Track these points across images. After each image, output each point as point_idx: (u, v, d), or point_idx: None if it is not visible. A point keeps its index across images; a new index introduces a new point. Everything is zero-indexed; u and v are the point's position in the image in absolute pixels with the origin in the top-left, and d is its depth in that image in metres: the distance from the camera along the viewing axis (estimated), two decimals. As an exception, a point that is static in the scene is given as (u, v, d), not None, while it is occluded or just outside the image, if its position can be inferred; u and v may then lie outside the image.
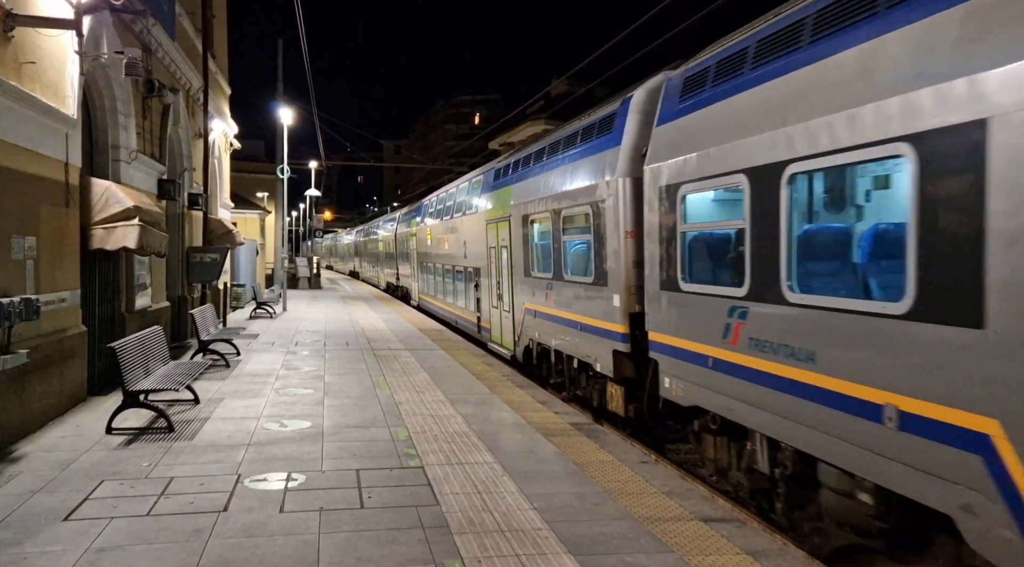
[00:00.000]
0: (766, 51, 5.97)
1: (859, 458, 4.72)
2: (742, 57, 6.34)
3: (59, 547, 4.79)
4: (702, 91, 6.88)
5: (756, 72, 6.02)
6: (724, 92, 6.46)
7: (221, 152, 21.01)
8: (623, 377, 8.51)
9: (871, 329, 4.57)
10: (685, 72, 7.41)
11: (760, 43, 6.10)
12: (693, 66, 7.32)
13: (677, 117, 7.26)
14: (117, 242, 9.69)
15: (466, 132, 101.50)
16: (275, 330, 17.97)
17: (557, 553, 4.72)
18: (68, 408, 8.81)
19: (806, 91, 5.28)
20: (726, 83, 6.47)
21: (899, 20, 4.52)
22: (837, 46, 5.02)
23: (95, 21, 9.32)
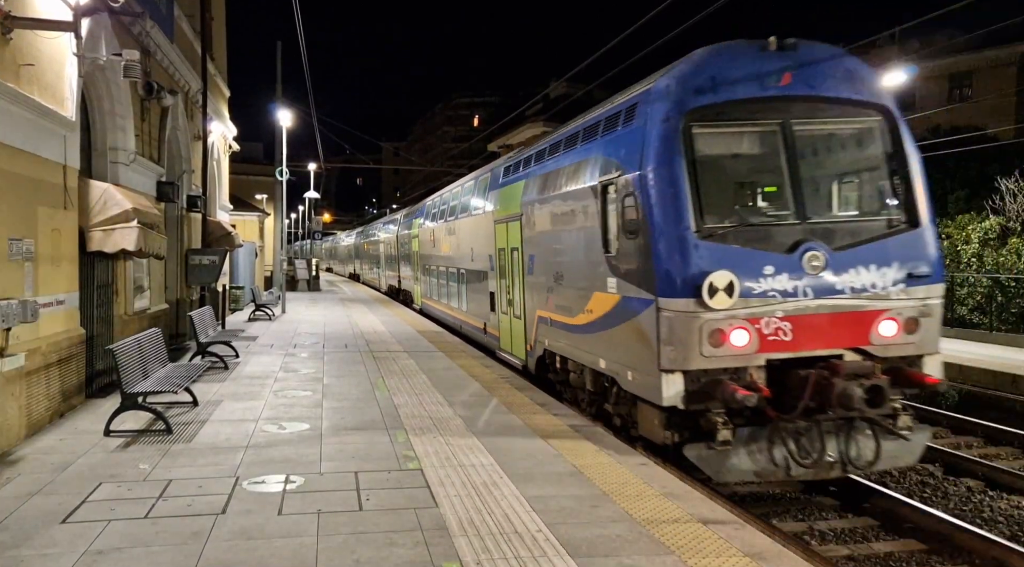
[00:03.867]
0: (525, 163, 12.29)
1: (578, 354, 9.58)
2: (516, 164, 12.90)
3: (57, 550, 4.79)
4: (505, 176, 13.47)
5: (517, 172, 12.59)
6: (514, 177, 12.74)
7: (220, 154, 21.01)
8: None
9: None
10: (504, 163, 14.07)
11: (525, 160, 12.38)
12: (501, 164, 14.29)
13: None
14: (116, 244, 9.69)
15: (465, 134, 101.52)
16: (274, 332, 17.96)
17: (556, 555, 4.72)
18: (66, 410, 8.79)
19: (549, 179, 10.66)
20: (513, 173, 12.88)
21: (572, 155, 9.92)
22: (538, 168, 11.40)
23: (93, 23, 9.31)
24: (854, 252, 7.32)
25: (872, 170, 7.91)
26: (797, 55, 7.76)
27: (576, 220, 9.45)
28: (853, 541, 7.25)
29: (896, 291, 7.37)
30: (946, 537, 7.11)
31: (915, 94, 38.17)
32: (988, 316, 17.70)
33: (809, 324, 7.18)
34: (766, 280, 7.11)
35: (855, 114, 7.86)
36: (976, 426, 11.29)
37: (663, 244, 7.27)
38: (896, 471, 9.49)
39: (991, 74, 37.14)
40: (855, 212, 7.89)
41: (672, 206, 7.27)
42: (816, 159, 7.90)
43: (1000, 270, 18.45)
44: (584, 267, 9.18)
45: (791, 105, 7.63)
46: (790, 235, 7.29)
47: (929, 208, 7.65)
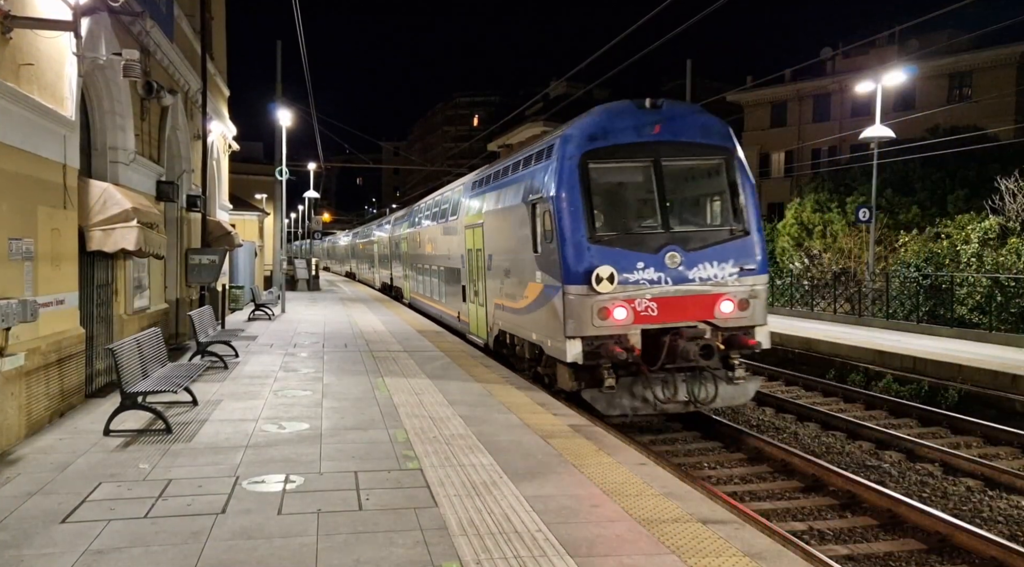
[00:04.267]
0: (485, 181, 14.61)
1: (519, 330, 11.99)
2: (480, 181, 15.20)
3: (56, 550, 4.79)
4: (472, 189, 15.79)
5: (480, 188, 14.89)
6: (479, 191, 14.95)
7: (220, 154, 21.01)
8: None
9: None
10: (472, 179, 16.32)
11: (485, 178, 14.73)
12: (470, 179, 16.51)
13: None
14: (115, 244, 9.68)
15: (465, 134, 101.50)
16: (273, 332, 17.96)
17: (556, 555, 4.72)
18: (66, 410, 8.79)
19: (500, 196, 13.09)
20: (479, 188, 15.01)
21: (514, 179, 12.32)
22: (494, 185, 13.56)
23: (93, 23, 9.31)
24: (702, 252, 10.15)
25: (717, 195, 10.77)
26: (664, 112, 10.58)
27: (517, 228, 12.00)
28: (852, 541, 7.26)
29: (732, 280, 10.20)
30: (945, 537, 7.12)
31: (915, 94, 38.18)
32: (988, 316, 17.70)
33: (670, 304, 10.03)
34: (638, 272, 9.92)
35: (706, 155, 10.71)
36: (975, 426, 11.30)
37: (567, 247, 10.00)
38: (896, 472, 9.51)
39: (991, 74, 37.14)
40: (704, 224, 10.77)
41: (573, 219, 10.03)
42: (677, 186, 10.88)
43: (1000, 270, 18.45)
44: (522, 264, 11.72)
45: (660, 147, 10.39)
46: (657, 240, 10.10)
47: (756, 221, 10.48)
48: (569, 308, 9.92)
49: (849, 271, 25.16)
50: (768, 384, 15.37)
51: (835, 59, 44.90)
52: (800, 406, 12.64)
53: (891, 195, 25.55)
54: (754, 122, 48.64)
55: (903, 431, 11.29)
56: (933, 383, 13.69)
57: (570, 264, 9.94)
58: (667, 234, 10.17)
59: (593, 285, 9.70)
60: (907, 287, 20.66)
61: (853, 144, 35.05)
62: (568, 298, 9.92)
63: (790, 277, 26.26)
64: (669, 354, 9.80)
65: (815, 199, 28.11)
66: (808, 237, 27.83)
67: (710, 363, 9.76)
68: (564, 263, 10.00)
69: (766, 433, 11.35)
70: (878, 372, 14.98)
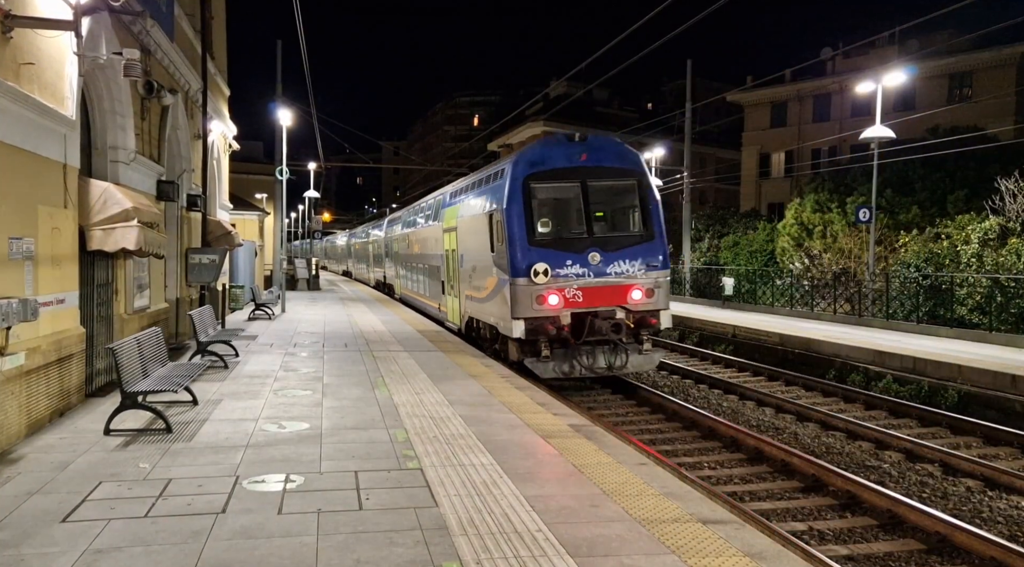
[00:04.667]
0: (458, 192, 17.47)
1: (483, 316, 14.60)
2: (455, 193, 17.84)
3: (57, 549, 4.79)
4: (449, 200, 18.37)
5: (455, 199, 17.60)
6: (454, 201, 17.53)
7: (220, 153, 21.01)
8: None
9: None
10: (449, 190, 18.93)
11: (459, 190, 17.59)
12: (448, 191, 19.02)
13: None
14: (116, 243, 9.68)
15: (465, 133, 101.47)
16: (274, 331, 17.96)
17: (556, 555, 4.72)
18: (66, 409, 8.80)
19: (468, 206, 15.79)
20: (454, 198, 17.70)
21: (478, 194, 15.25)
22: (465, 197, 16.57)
23: (94, 22, 9.31)
24: (618, 253, 12.94)
25: (630, 208, 13.59)
26: (589, 143, 13.49)
27: (480, 233, 14.62)
28: (852, 541, 7.27)
29: (640, 274, 12.93)
30: (945, 537, 7.13)
31: (915, 94, 38.19)
32: (988, 316, 17.70)
33: (592, 292, 12.77)
34: (568, 268, 12.71)
35: (621, 177, 13.45)
36: (975, 426, 11.30)
37: (513, 248, 12.79)
38: (896, 472, 9.52)
39: (991, 74, 37.14)
40: (619, 231, 13.59)
41: (518, 227, 12.84)
42: (599, 201, 13.52)
43: (1000, 270, 18.45)
44: (484, 261, 14.42)
45: (585, 172, 13.19)
46: (582, 243, 12.90)
47: (660, 229, 13.24)
48: (515, 296, 12.75)
49: (849, 271, 25.16)
50: (768, 384, 15.39)
51: (835, 59, 44.91)
52: (800, 406, 12.64)
53: (891, 195, 25.55)
54: (754, 122, 48.65)
55: (903, 431, 11.29)
56: (933, 383, 13.69)
57: (516, 261, 12.77)
58: (590, 238, 13.02)
59: (532, 278, 12.56)
60: (907, 287, 20.66)
61: (853, 144, 35.06)
62: (514, 288, 12.76)
63: (790, 277, 26.26)
64: (591, 331, 12.62)
65: (815, 199, 28.09)
66: (808, 237, 27.82)
67: (622, 338, 12.73)
68: (511, 260, 12.82)
69: (766, 433, 11.35)
70: (878, 372, 14.98)
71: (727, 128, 60.40)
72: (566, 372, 12.72)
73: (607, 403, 13.44)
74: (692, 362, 18.48)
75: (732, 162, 56.72)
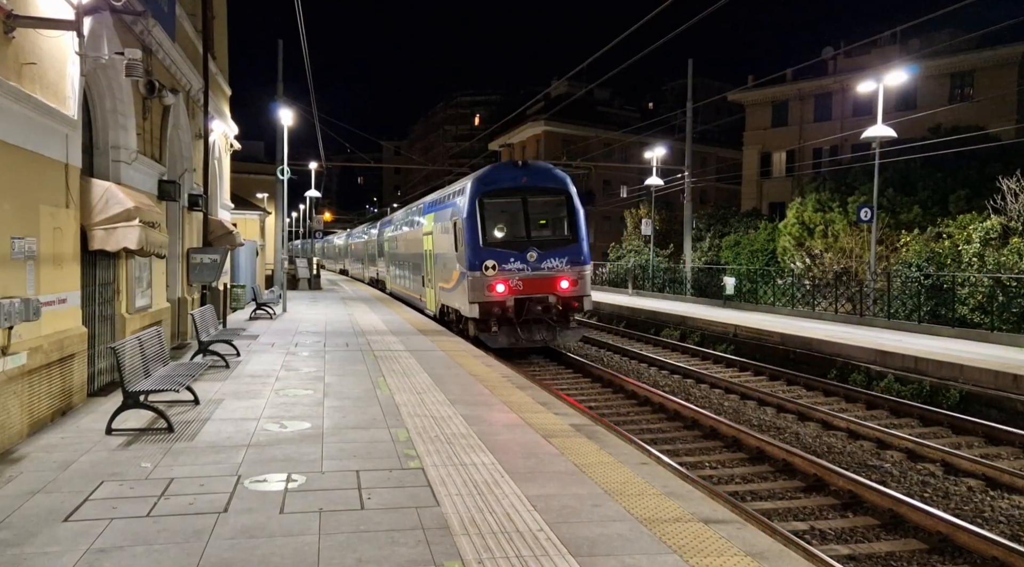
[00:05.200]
0: (434, 203, 21.56)
1: (450, 302, 18.65)
2: (432, 203, 22.03)
3: (59, 548, 4.79)
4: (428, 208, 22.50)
5: (432, 208, 21.58)
6: (431, 210, 21.59)
7: (221, 153, 21.01)
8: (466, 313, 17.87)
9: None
10: (429, 199, 23.03)
11: (435, 201, 21.65)
12: (428, 200, 23.51)
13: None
14: (117, 243, 9.69)
15: (466, 133, 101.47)
16: (275, 331, 17.97)
17: (557, 554, 4.72)
18: (68, 409, 8.81)
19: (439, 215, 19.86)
20: (431, 207, 21.78)
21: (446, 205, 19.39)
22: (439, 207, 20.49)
23: (95, 22, 9.31)
24: (550, 252, 16.58)
25: (560, 218, 17.25)
26: (529, 168, 17.67)
27: (448, 237, 18.44)
28: (854, 541, 7.26)
29: (567, 268, 16.54)
30: (947, 537, 7.12)
31: (916, 93, 38.15)
32: (989, 316, 17.69)
33: (530, 282, 16.40)
34: (511, 264, 16.31)
35: (553, 194, 17.30)
36: (977, 426, 11.29)
37: (469, 248, 16.52)
38: (897, 471, 9.52)
39: (992, 73, 37.10)
40: (551, 235, 17.14)
41: (472, 233, 16.56)
42: (536, 213, 17.17)
43: (1001, 270, 18.43)
44: (451, 259, 18.07)
45: (526, 190, 17.02)
46: (523, 245, 16.53)
47: (582, 234, 16.96)
48: (471, 285, 16.47)
49: (850, 271, 25.14)
50: (769, 384, 15.39)
51: (836, 59, 44.85)
52: (801, 406, 12.64)
53: (892, 195, 25.53)
54: (755, 122, 48.61)
55: (904, 431, 11.29)
56: (934, 383, 13.68)
57: (471, 259, 16.49)
58: (529, 241, 16.75)
59: (484, 272, 16.27)
60: (908, 287, 20.64)
61: (854, 144, 35.03)
62: (470, 279, 16.49)
63: (791, 277, 26.24)
64: (529, 312, 16.60)
65: (816, 199, 28.07)
66: (809, 237, 27.80)
67: (552, 318, 16.70)
68: (468, 258, 16.58)
69: (768, 432, 11.35)
70: (879, 372, 14.97)
71: (728, 127, 60.37)
72: (511, 343, 16.55)
73: (608, 403, 13.46)
74: (694, 362, 18.47)
75: (733, 161, 56.69)
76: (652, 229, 37.90)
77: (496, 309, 16.33)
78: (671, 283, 34.57)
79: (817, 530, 7.45)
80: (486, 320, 16.42)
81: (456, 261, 17.50)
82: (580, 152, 55.81)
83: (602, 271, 43.37)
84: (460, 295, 17.29)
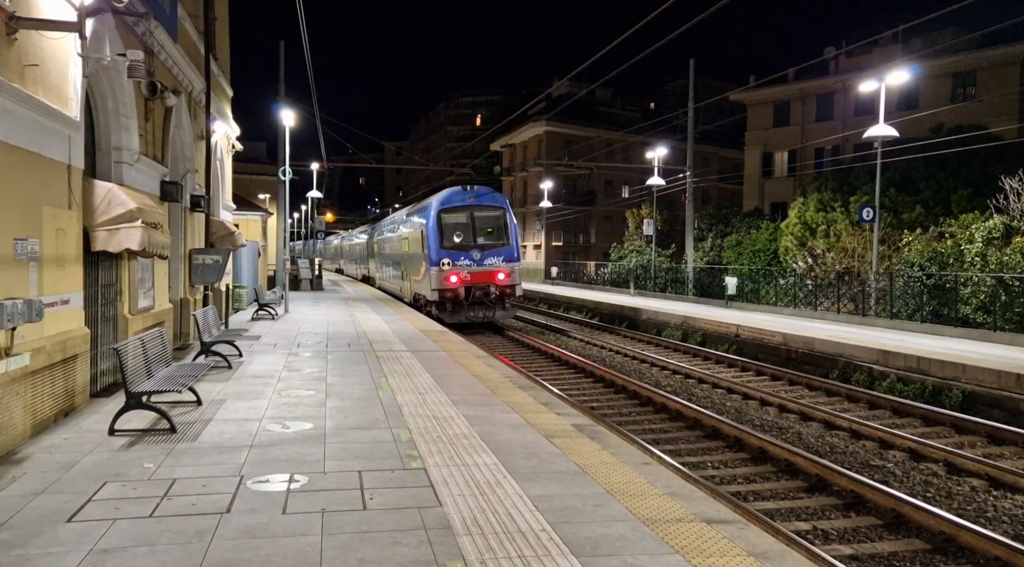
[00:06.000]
0: (411, 213, 29.32)
1: (420, 291, 25.38)
2: (409, 213, 30.04)
3: (62, 549, 4.80)
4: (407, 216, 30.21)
5: (408, 216, 29.33)
6: (407, 219, 29.44)
7: (223, 154, 21.03)
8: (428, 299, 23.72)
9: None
10: (406, 210, 32.66)
11: (411, 212, 29.59)
12: (406, 210, 33.13)
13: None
14: (120, 244, 9.70)
15: (468, 133, 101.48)
16: (277, 332, 17.98)
17: (560, 554, 4.73)
18: (71, 409, 8.82)
19: (411, 224, 27.43)
20: (408, 216, 29.54)
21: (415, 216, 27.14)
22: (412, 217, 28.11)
23: (97, 23, 9.32)
24: (490, 252, 23.03)
25: (498, 228, 23.45)
26: (476, 191, 24.15)
27: (418, 241, 24.63)
28: (857, 541, 7.26)
29: (503, 265, 23.25)
30: (950, 537, 7.11)
31: (918, 93, 38.10)
32: (992, 315, 17.66)
33: (476, 275, 22.73)
34: (462, 261, 22.70)
35: (493, 210, 23.75)
36: (980, 426, 11.28)
37: (431, 250, 22.97)
38: (900, 471, 9.51)
39: (994, 73, 37.04)
40: (491, 241, 23.24)
41: (434, 239, 23.03)
42: (480, 224, 23.32)
43: (1004, 269, 18.40)
44: (420, 258, 23.95)
45: (472, 208, 23.52)
46: (471, 247, 22.93)
47: (515, 239, 23.58)
48: (433, 277, 22.64)
49: (853, 271, 25.12)
50: (772, 384, 15.38)
51: (838, 58, 44.80)
52: (804, 406, 12.63)
53: (895, 194, 25.50)
54: (757, 121, 48.56)
55: (907, 431, 11.27)
56: (937, 383, 13.67)
57: (433, 257, 22.81)
58: (475, 245, 23.05)
59: (442, 267, 22.51)
60: (911, 287, 20.62)
61: (856, 143, 34.97)
62: (432, 272, 22.70)
63: (793, 277, 26.22)
64: (474, 297, 22.72)
65: (818, 198, 28.05)
66: (811, 236, 27.78)
67: (491, 301, 22.92)
68: (430, 257, 22.94)
69: (770, 432, 11.35)
70: (882, 372, 14.96)
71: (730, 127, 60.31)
72: (462, 321, 22.84)
73: (611, 403, 13.47)
74: (696, 362, 18.47)
75: (735, 161, 56.63)
76: (654, 229, 37.89)
77: (451, 294, 22.68)
78: (673, 283, 34.56)
79: (820, 530, 7.44)
80: (444, 303, 22.77)
81: (423, 259, 24.00)
82: (582, 152, 55.80)
83: (603, 271, 43.36)
84: (426, 285, 23.66)
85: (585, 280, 45.35)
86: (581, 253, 62.72)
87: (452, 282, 22.43)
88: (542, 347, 19.97)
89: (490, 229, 23.64)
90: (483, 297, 22.74)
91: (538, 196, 57.36)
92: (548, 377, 15.86)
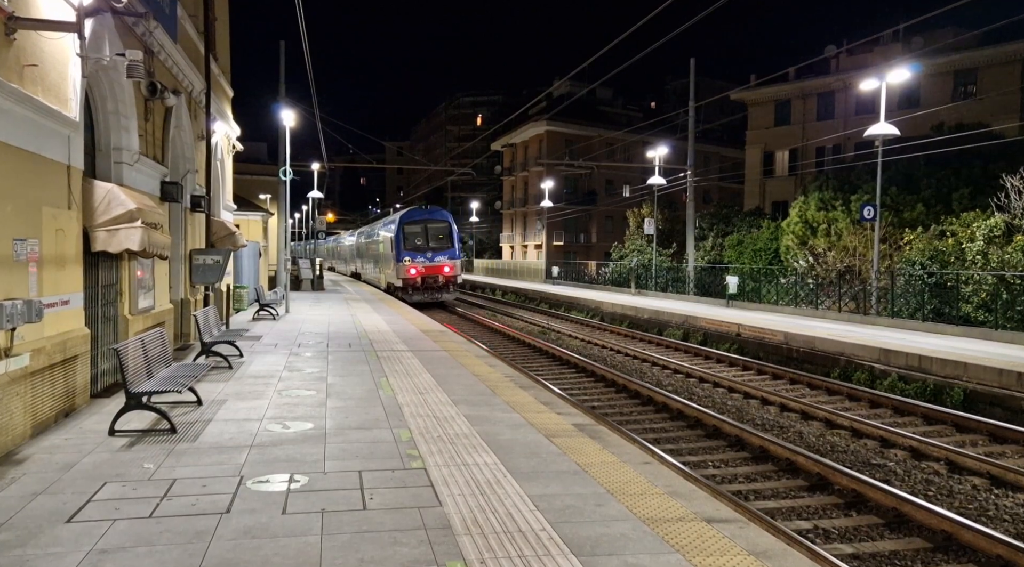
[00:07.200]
0: (389, 223, 39.96)
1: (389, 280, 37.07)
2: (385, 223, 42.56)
3: (61, 549, 4.80)
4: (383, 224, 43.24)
5: (384, 224, 42.97)
6: (383, 226, 42.22)
7: (223, 154, 21.04)
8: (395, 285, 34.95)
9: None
10: (383, 220, 47.29)
11: (387, 221, 41.69)
12: (384, 219, 47.72)
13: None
14: (120, 244, 9.70)
15: (468, 133, 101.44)
16: (278, 332, 17.98)
17: (560, 554, 4.72)
18: (71, 410, 8.82)
19: (383, 230, 40.81)
20: (384, 223, 42.75)
21: (385, 225, 40.68)
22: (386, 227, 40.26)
23: (97, 23, 9.32)
24: (439, 253, 33.72)
25: (445, 236, 34.28)
26: (430, 209, 36.25)
27: (388, 244, 36.41)
28: (858, 540, 7.24)
29: (448, 261, 34.07)
30: (951, 535, 7.10)
31: (919, 91, 38.06)
32: (993, 314, 17.64)
33: (429, 269, 33.44)
34: (419, 259, 33.40)
35: (441, 223, 34.69)
36: (981, 424, 11.26)
37: (398, 251, 33.87)
38: (901, 470, 9.48)
39: (995, 71, 36.99)
40: (439, 246, 33.95)
41: (399, 244, 33.95)
42: (432, 233, 34.29)
43: (1005, 267, 18.38)
44: (390, 257, 35.43)
45: (427, 221, 34.50)
46: (425, 249, 33.67)
47: (457, 244, 34.63)
48: (399, 270, 33.25)
49: (854, 269, 25.10)
50: (772, 383, 15.37)
51: (839, 57, 44.77)
52: (805, 405, 12.61)
53: (896, 193, 25.48)
54: (758, 120, 48.52)
55: (908, 429, 11.26)
56: (938, 381, 13.65)
57: (399, 256, 33.33)
58: (429, 248, 33.35)
59: (405, 263, 32.95)
60: (912, 285, 20.60)
61: (857, 142, 34.96)
62: (399, 267, 33.25)
63: (795, 276, 26.20)
64: (427, 284, 33.01)
65: (819, 197, 28.03)
66: (813, 235, 27.75)
67: (440, 286, 33.28)
68: (397, 256, 33.57)
69: (771, 431, 11.33)
70: (883, 371, 14.94)
71: (731, 126, 60.29)
72: (419, 300, 31.69)
73: (611, 402, 13.46)
74: (696, 361, 18.45)
75: (736, 160, 56.57)
76: (655, 228, 37.87)
77: (411, 282, 32.84)
78: (674, 282, 34.55)
79: (821, 529, 7.43)
80: (407, 288, 32.89)
81: (392, 258, 34.40)
82: (582, 152, 55.79)
83: (604, 271, 43.34)
84: (394, 275, 34.03)
85: (586, 280, 45.37)
86: (582, 253, 62.73)
87: (412, 273, 32.81)
88: (542, 347, 19.95)
89: (440, 236, 33.80)
90: (433, 283, 33.01)
91: (539, 196, 57.40)
92: (549, 377, 15.87)
